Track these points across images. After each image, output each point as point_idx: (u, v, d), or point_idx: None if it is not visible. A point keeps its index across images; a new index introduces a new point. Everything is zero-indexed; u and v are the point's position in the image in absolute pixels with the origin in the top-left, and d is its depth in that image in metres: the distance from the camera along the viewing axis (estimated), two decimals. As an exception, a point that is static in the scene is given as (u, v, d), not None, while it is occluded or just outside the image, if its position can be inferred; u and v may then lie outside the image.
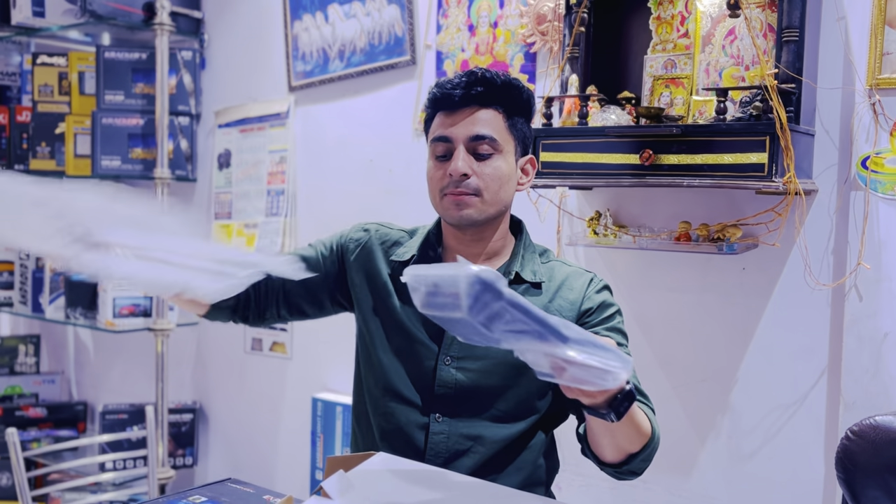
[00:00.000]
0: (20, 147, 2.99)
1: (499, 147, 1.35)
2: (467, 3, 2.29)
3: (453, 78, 1.37)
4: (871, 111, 1.69)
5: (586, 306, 1.39)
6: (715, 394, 1.94)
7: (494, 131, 1.35)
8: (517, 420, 1.39)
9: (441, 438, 1.37)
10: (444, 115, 1.37)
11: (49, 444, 2.98)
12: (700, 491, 1.96)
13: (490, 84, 1.35)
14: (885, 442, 1.36)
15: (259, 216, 2.77)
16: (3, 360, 3.33)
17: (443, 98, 1.37)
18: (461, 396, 1.37)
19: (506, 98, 1.37)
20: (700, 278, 1.95)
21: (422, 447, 1.38)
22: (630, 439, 1.25)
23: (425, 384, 1.39)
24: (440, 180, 1.36)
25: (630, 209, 2.02)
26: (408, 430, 1.39)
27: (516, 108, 1.39)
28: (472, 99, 1.35)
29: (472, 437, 1.37)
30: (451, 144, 1.35)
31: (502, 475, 1.38)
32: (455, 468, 1.34)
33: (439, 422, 1.38)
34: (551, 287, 1.41)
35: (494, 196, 1.35)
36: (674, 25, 1.91)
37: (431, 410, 1.38)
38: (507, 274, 1.40)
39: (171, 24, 2.75)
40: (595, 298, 1.40)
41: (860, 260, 1.70)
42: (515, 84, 1.38)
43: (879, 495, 1.35)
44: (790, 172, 1.59)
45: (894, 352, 1.67)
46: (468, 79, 1.35)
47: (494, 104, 1.36)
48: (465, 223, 1.36)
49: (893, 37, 1.66)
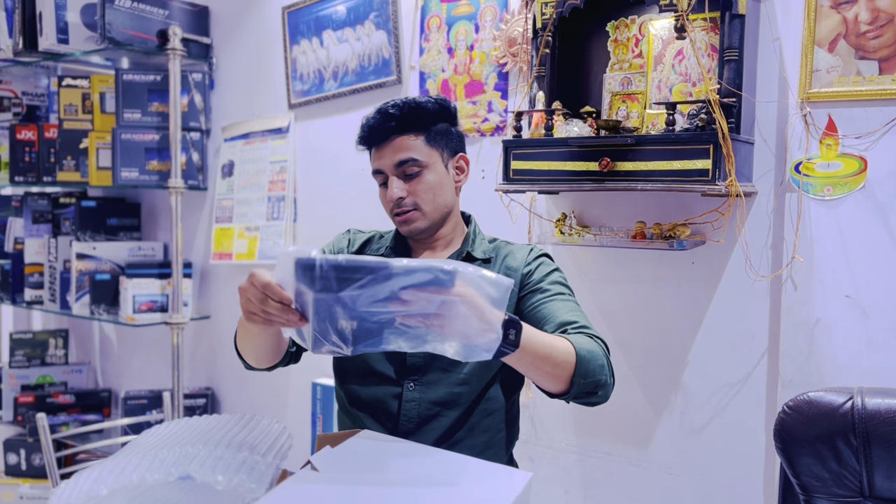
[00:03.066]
0: (48, 161, 2.97)
1: (422, 163, 1.40)
2: (447, 28, 2.29)
3: (370, 119, 1.42)
4: (802, 122, 1.70)
5: (526, 270, 1.43)
6: (669, 374, 1.94)
7: (414, 152, 1.40)
8: (478, 385, 1.41)
9: (412, 406, 1.39)
10: (375, 150, 1.44)
11: (77, 427, 2.96)
12: (657, 461, 1.97)
13: (397, 116, 1.40)
14: (817, 415, 1.37)
15: (260, 220, 2.76)
16: (36, 352, 3.31)
17: (368, 138, 1.43)
18: (430, 364, 1.40)
19: (414, 120, 1.41)
20: (654, 272, 1.95)
21: (395, 413, 1.40)
22: (552, 364, 1.16)
23: (398, 357, 1.41)
24: (387, 204, 1.44)
25: (592, 211, 2.02)
26: (384, 400, 1.41)
27: (427, 122, 1.42)
28: (389, 131, 1.40)
29: (440, 403, 1.39)
30: (384, 174, 1.42)
31: (466, 438, 1.40)
32: (427, 431, 1.38)
33: (411, 390, 1.39)
34: (497, 261, 1.47)
35: (432, 205, 1.42)
36: (629, 47, 1.91)
37: (404, 379, 1.40)
38: (459, 254, 1.46)
39: (182, 50, 2.73)
40: (533, 263, 1.45)
41: (794, 254, 1.71)
42: (416, 105, 1.41)
43: (812, 462, 1.36)
44: (732, 177, 1.60)
45: (825, 335, 1.68)
46: (379, 116, 1.41)
47: (407, 129, 1.41)
48: (415, 234, 1.45)
49: (822, 55, 1.67)
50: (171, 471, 0.97)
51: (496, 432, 1.45)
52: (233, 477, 0.98)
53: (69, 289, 2.94)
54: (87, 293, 2.89)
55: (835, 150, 1.67)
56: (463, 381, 1.39)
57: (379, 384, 1.42)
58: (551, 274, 1.43)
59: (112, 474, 0.96)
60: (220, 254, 2.85)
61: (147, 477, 0.96)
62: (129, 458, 1.01)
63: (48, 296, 3.08)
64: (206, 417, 1.25)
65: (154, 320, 2.81)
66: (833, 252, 1.67)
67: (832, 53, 1.66)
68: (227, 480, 0.97)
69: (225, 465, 1.00)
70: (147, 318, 2.81)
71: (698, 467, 1.90)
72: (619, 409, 2.01)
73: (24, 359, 3.27)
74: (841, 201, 1.67)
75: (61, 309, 3.00)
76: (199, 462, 1.00)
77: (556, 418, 2.13)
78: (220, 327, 3.00)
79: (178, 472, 0.97)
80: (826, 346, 1.68)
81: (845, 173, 1.66)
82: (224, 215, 2.88)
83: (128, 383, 3.24)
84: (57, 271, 3.01)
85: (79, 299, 2.89)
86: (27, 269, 3.11)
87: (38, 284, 3.11)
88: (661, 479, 1.96)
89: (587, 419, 2.09)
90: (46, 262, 3.08)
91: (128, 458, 1.01)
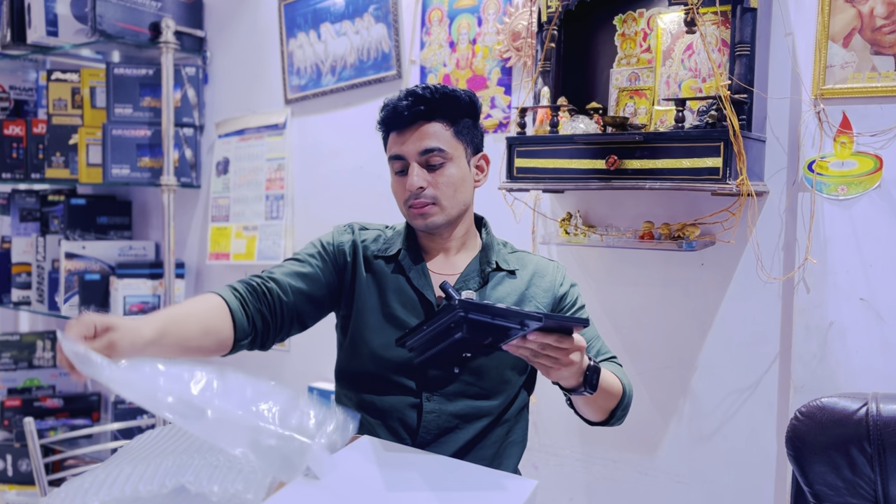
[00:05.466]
0: (36, 157, 2.96)
1: (448, 155, 1.37)
2: (448, 21, 2.29)
3: (397, 99, 1.38)
4: (816, 119, 1.70)
5: (561, 293, 1.46)
6: (677, 379, 1.94)
7: (441, 142, 1.37)
8: (498, 398, 1.41)
9: (432, 417, 1.37)
10: (396, 134, 1.40)
11: (65, 432, 2.96)
12: (664, 468, 1.97)
13: (429, 100, 1.36)
14: (831, 422, 1.36)
15: (258, 219, 2.75)
16: (23, 354, 3.30)
17: (391, 120, 1.39)
18: (449, 378, 1.38)
19: (446, 108, 1.38)
20: (662, 273, 1.95)
21: (415, 426, 1.37)
22: (607, 400, 1.35)
23: (418, 370, 1.38)
24: (402, 194, 1.40)
25: (598, 210, 2.02)
26: (402, 410, 1.38)
27: (458, 114, 1.40)
28: (417, 116, 1.36)
29: (459, 416, 1.38)
30: (405, 161, 1.38)
31: (478, 449, 1.40)
32: (445, 443, 1.37)
33: (430, 401, 1.37)
34: (525, 275, 1.45)
35: (452, 200, 1.38)
36: (637, 41, 1.91)
37: (423, 390, 1.38)
38: (487, 264, 1.44)
39: (175, 43, 2.73)
40: (566, 285, 1.48)
41: (807, 255, 1.71)
42: (452, 94, 1.39)
43: (826, 470, 1.36)
44: (743, 175, 1.60)
45: (839, 339, 1.68)
46: (410, 99, 1.36)
47: (437, 117, 1.38)
48: (430, 229, 1.41)
49: (836, 50, 1.67)
50: (164, 482, 0.97)
51: (511, 445, 1.45)
52: (228, 487, 0.98)
53: (58, 289, 2.93)
54: (76, 294, 2.88)
55: (849, 148, 1.67)
56: (483, 395, 1.39)
57: (397, 394, 1.39)
58: (579, 299, 1.49)
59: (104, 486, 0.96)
60: (216, 254, 2.85)
61: (140, 489, 0.96)
62: (120, 468, 1.01)
63: (36, 296, 3.08)
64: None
65: (145, 322, 2.80)
66: (847, 253, 1.67)
67: (847, 48, 1.66)
68: (222, 491, 0.97)
69: (221, 475, 1.00)
70: (138, 319, 2.80)
71: (707, 475, 1.90)
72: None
73: (10, 361, 3.27)
74: (855, 201, 1.67)
75: (49, 310, 3.00)
76: (194, 472, 1.00)
77: (561, 424, 2.13)
78: (213, 329, 2.99)
79: (171, 483, 0.97)
80: (840, 351, 1.68)
81: (860, 172, 1.66)
82: (220, 214, 2.87)
83: (118, 387, 3.23)
84: (45, 271, 3.01)
85: (67, 300, 2.89)
86: (14, 269, 3.11)
87: (25, 285, 3.11)
88: (669, 488, 1.96)
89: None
90: (34, 261, 3.08)
91: (119, 468, 1.01)
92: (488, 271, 1.43)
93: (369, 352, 1.40)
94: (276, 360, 2.80)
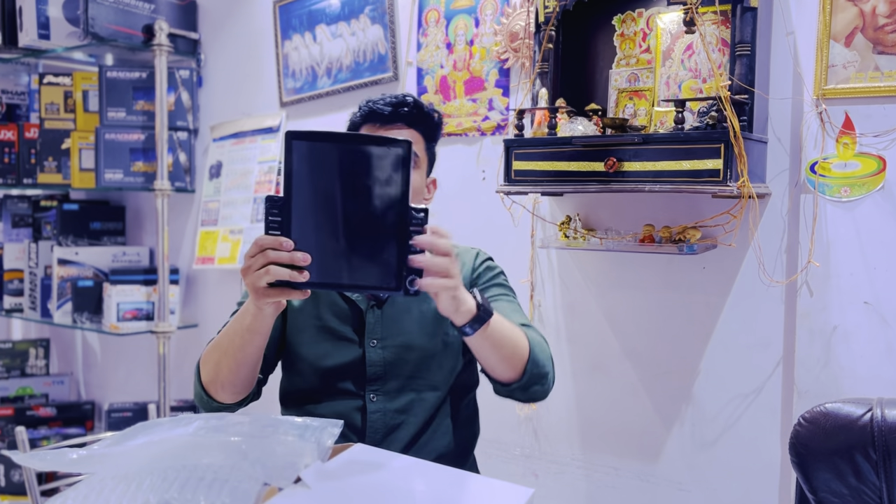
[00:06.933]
0: (28, 162, 2.97)
1: (419, 163, 1.46)
2: (445, 22, 2.29)
3: (384, 97, 1.46)
4: (818, 119, 1.70)
5: (475, 275, 1.51)
6: (679, 385, 1.94)
7: (418, 149, 1.46)
8: (438, 388, 1.45)
9: (377, 416, 1.42)
10: (374, 128, 1.46)
11: (58, 441, 2.96)
12: (666, 476, 1.96)
13: (416, 108, 1.45)
14: (835, 428, 1.36)
15: (244, 222, 2.75)
16: (15, 362, 3.31)
17: (375, 113, 1.45)
18: (390, 372, 1.43)
19: (424, 123, 1.48)
20: (663, 277, 1.95)
21: (360, 427, 1.42)
22: (507, 349, 1.27)
23: (357, 370, 1.43)
24: None
25: (598, 213, 2.02)
26: (347, 414, 1.42)
27: (430, 133, 1.50)
28: (400, 117, 1.45)
29: (403, 411, 1.43)
30: None
31: (430, 443, 1.44)
32: (393, 441, 1.41)
33: (374, 401, 1.42)
34: None
35: None
36: (636, 42, 1.92)
37: (366, 391, 1.43)
38: None
39: (169, 45, 2.74)
40: (480, 267, 1.52)
41: (810, 258, 1.71)
42: (431, 112, 1.49)
43: (830, 477, 1.36)
44: (744, 177, 1.59)
45: (843, 343, 1.68)
46: (397, 100, 1.45)
47: (416, 125, 1.47)
48: None
49: (838, 50, 1.67)
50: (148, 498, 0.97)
51: (459, 433, 1.49)
52: (215, 500, 0.97)
53: (50, 296, 2.94)
54: (69, 300, 2.89)
55: (852, 149, 1.67)
56: (424, 386, 1.44)
57: (340, 399, 1.43)
58: (496, 277, 1.52)
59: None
60: (203, 258, 2.85)
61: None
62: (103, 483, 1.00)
63: (28, 303, 3.08)
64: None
65: (139, 329, 2.80)
66: (851, 256, 1.67)
67: (849, 48, 1.66)
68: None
69: (206, 487, 0.99)
70: (132, 326, 2.80)
71: (710, 482, 1.90)
72: (626, 422, 2.01)
73: (3, 369, 3.27)
74: (859, 203, 1.66)
75: (42, 317, 3.00)
76: (179, 485, 0.99)
77: (561, 431, 2.13)
78: (208, 336, 2.99)
79: (156, 499, 0.97)
80: (844, 355, 1.68)
81: (863, 173, 1.66)
82: (210, 218, 2.87)
83: (112, 395, 3.24)
84: (37, 278, 3.01)
85: (60, 307, 2.89)
86: (6, 276, 3.12)
87: (17, 291, 3.11)
88: (671, 495, 1.95)
89: (593, 432, 2.08)
90: (26, 267, 3.08)
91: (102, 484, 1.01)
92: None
93: (308, 366, 1.45)
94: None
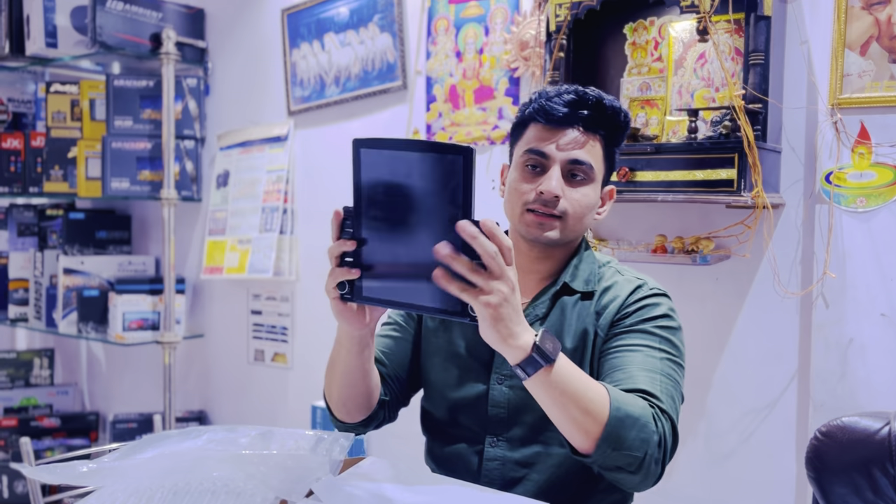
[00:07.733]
0: (35, 170, 2.98)
1: (592, 175, 1.23)
2: (454, 31, 2.30)
3: (559, 91, 1.22)
4: (833, 129, 1.69)
5: (621, 314, 1.23)
6: (692, 398, 1.92)
7: (593, 158, 1.23)
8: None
9: (495, 465, 1.25)
10: (544, 128, 1.23)
11: (62, 452, 2.96)
12: (680, 491, 1.95)
13: (597, 109, 1.22)
14: (852, 442, 1.35)
15: (253, 232, 2.76)
16: (20, 372, 3.31)
17: (545, 111, 1.22)
18: (514, 417, 1.25)
19: (608, 125, 1.24)
20: (676, 288, 1.93)
21: (475, 473, 1.27)
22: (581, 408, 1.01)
23: (480, 409, 1.27)
24: (525, 194, 1.23)
25: (609, 223, 2.01)
26: (465, 456, 1.29)
27: (615, 137, 1.26)
28: (576, 119, 1.22)
29: (526, 464, 1.24)
30: (547, 161, 1.22)
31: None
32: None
33: (493, 447, 1.26)
34: (599, 290, 1.28)
35: (577, 223, 1.24)
36: (648, 50, 1.92)
37: (486, 434, 1.27)
38: (554, 284, 1.28)
39: (176, 54, 2.75)
40: (632, 305, 1.24)
41: (826, 269, 1.70)
42: (618, 110, 1.24)
43: (847, 492, 1.34)
44: (758, 187, 1.59)
45: (859, 356, 1.67)
46: (576, 97, 1.21)
47: (597, 130, 1.23)
48: (543, 243, 1.25)
49: (853, 59, 1.67)
50: None
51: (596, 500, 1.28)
52: None
53: (55, 305, 2.94)
54: (74, 310, 2.89)
55: (868, 158, 1.66)
56: (554, 440, 1.22)
57: (459, 439, 1.30)
58: (652, 321, 1.21)
59: None
60: (211, 268, 2.85)
61: None
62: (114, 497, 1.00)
63: (33, 313, 3.09)
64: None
65: (145, 339, 2.80)
66: (867, 267, 1.66)
67: (864, 57, 1.66)
68: None
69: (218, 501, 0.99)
70: (137, 336, 2.80)
71: (724, 498, 1.88)
72: (638, 435, 2.00)
73: (7, 380, 3.27)
74: (875, 213, 1.66)
75: (47, 327, 3.01)
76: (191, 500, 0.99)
77: (572, 444, 2.12)
78: (213, 347, 3.00)
79: None
80: (860, 368, 1.67)
81: (879, 184, 1.65)
82: (217, 227, 2.88)
83: (116, 406, 3.24)
84: (43, 287, 3.01)
85: (65, 317, 2.89)
86: (11, 285, 3.12)
87: (22, 301, 3.12)
88: (685, 510, 1.94)
89: (605, 445, 2.07)
90: (32, 277, 3.09)
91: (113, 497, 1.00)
92: (553, 291, 1.27)
93: (437, 393, 1.33)
94: (279, 377, 2.79)
